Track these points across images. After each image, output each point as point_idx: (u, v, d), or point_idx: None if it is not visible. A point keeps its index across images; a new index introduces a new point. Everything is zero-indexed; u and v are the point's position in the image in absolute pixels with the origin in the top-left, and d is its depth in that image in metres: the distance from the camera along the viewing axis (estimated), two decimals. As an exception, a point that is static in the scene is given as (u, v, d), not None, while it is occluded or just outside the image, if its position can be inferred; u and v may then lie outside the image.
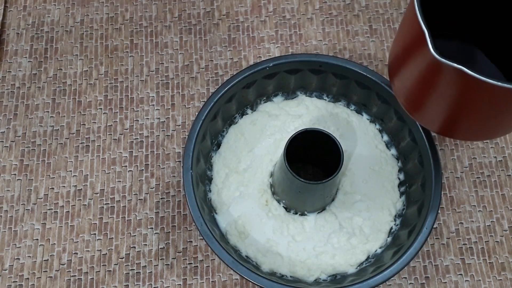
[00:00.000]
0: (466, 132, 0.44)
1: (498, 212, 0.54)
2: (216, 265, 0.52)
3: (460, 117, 0.41)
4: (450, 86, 0.37)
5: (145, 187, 0.55)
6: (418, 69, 0.38)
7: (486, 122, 0.40)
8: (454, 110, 0.40)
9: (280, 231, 0.50)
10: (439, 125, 0.43)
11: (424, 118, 0.44)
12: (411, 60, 0.39)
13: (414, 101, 0.43)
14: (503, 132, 0.44)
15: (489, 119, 0.40)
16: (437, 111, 0.42)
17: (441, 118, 0.42)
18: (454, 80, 0.35)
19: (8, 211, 0.54)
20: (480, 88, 0.34)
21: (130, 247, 0.53)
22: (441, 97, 0.39)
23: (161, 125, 0.57)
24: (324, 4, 0.63)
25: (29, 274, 0.52)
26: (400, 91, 0.44)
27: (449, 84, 0.36)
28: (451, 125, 0.43)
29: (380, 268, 0.46)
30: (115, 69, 0.60)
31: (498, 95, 0.35)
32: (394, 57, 0.44)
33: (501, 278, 0.52)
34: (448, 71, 0.34)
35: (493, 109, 0.38)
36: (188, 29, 0.62)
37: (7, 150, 0.56)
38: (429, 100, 0.41)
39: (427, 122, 0.44)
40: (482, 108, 0.38)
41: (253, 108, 0.55)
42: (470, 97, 0.37)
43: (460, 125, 0.42)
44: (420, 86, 0.40)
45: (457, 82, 0.35)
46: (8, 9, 0.63)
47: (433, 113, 0.42)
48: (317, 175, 0.54)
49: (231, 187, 0.52)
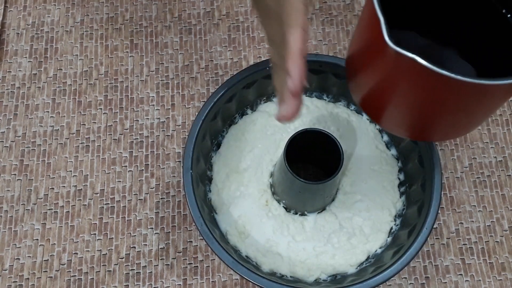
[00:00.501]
0: (435, 132, 0.41)
1: (498, 212, 0.54)
2: (216, 265, 0.52)
3: (421, 115, 0.38)
4: (406, 79, 0.35)
5: (145, 187, 0.55)
6: (374, 63, 0.36)
7: (450, 118, 0.38)
8: (414, 107, 0.38)
9: (280, 231, 0.50)
10: (404, 127, 0.41)
11: (384, 119, 0.41)
12: (366, 54, 0.37)
13: (372, 101, 0.40)
14: (468, 128, 0.41)
15: (452, 114, 0.37)
16: (397, 109, 0.39)
17: (402, 118, 0.40)
18: (409, 71, 0.33)
19: (8, 211, 0.54)
20: (436, 81, 0.32)
21: (130, 247, 0.53)
22: (399, 92, 0.37)
23: (161, 125, 0.57)
24: (324, 4, 0.63)
25: (29, 274, 0.52)
26: (358, 92, 0.41)
27: (405, 76, 0.34)
28: (416, 125, 0.40)
29: (380, 268, 0.45)
30: (115, 69, 0.60)
31: (454, 88, 0.33)
32: (350, 58, 0.41)
33: (501, 278, 0.52)
34: (403, 62, 0.32)
35: (453, 104, 0.36)
36: (188, 29, 0.62)
37: (7, 150, 0.56)
38: (387, 97, 0.38)
39: (388, 124, 0.41)
40: (444, 104, 0.36)
41: (253, 108, 0.55)
42: (429, 92, 0.34)
43: (425, 124, 0.40)
44: (378, 83, 0.38)
45: (412, 73, 0.33)
46: (8, 9, 0.63)
47: (394, 113, 0.40)
48: (317, 175, 0.54)
49: (231, 187, 0.52)
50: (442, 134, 0.42)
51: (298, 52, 0.36)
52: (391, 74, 0.36)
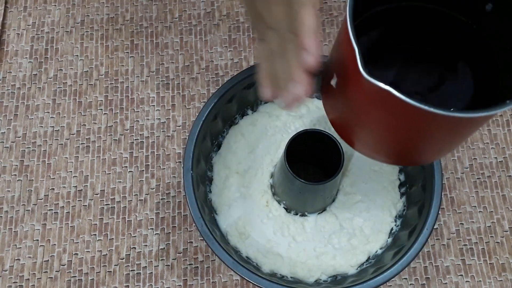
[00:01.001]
0: (406, 157, 0.41)
1: (499, 213, 0.54)
2: (217, 266, 0.52)
3: (399, 143, 0.38)
4: (381, 107, 0.34)
5: (145, 187, 0.55)
6: (349, 88, 0.36)
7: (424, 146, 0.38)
8: (387, 135, 0.37)
9: (281, 231, 0.50)
10: (377, 152, 0.40)
11: (357, 143, 0.40)
12: (341, 78, 0.36)
13: (345, 125, 0.40)
14: (441, 154, 0.41)
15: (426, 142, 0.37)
16: (371, 137, 0.39)
17: (377, 145, 0.39)
18: (384, 101, 0.32)
19: (9, 211, 0.54)
20: (411, 111, 0.31)
21: (131, 248, 0.53)
22: (372, 120, 0.36)
23: (161, 125, 0.57)
24: (324, 4, 0.63)
25: (29, 275, 0.52)
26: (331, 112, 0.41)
27: (379, 104, 0.34)
28: (390, 151, 0.40)
29: (380, 269, 0.45)
30: (116, 69, 0.60)
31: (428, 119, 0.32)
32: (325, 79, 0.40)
33: (502, 279, 0.52)
34: (377, 92, 0.31)
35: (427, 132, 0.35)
36: (189, 29, 0.62)
37: (8, 150, 0.56)
38: (360, 123, 0.38)
39: (364, 150, 0.41)
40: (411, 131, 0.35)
41: (253, 108, 0.55)
42: (403, 121, 0.34)
43: (397, 150, 0.39)
44: (351, 107, 0.37)
45: (387, 103, 0.32)
46: (9, 9, 0.63)
47: (368, 140, 0.39)
48: (318, 176, 0.54)
49: (232, 188, 0.52)
50: (414, 159, 0.42)
51: (314, 28, 0.37)
52: (366, 101, 0.35)
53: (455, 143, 0.40)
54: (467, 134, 0.38)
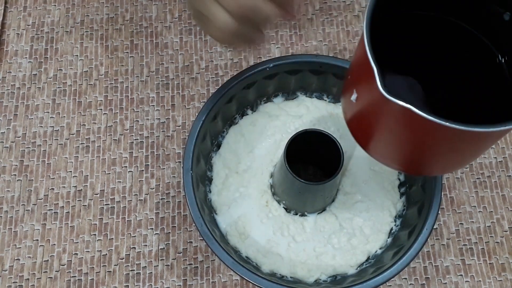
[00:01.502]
0: (423, 168, 0.41)
1: (498, 213, 0.54)
2: (216, 266, 0.52)
3: (413, 154, 0.38)
4: (401, 123, 0.34)
5: (145, 187, 0.55)
6: (368, 103, 0.36)
7: (441, 157, 0.38)
8: (406, 147, 0.38)
9: (280, 231, 0.50)
10: (393, 161, 0.41)
11: (376, 154, 0.41)
12: (361, 93, 0.37)
13: (363, 135, 0.40)
14: (457, 167, 0.42)
15: (443, 154, 0.37)
16: (389, 148, 0.39)
17: (394, 155, 0.40)
18: (403, 118, 0.33)
19: (8, 211, 0.54)
20: (427, 126, 0.32)
21: (130, 248, 0.53)
22: (390, 133, 0.37)
23: (161, 125, 0.57)
24: (324, 4, 0.63)
25: (29, 275, 0.52)
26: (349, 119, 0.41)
27: (399, 120, 0.34)
28: (407, 161, 0.40)
29: (380, 269, 0.45)
30: (115, 69, 0.60)
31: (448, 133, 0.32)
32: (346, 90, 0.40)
33: (501, 279, 0.52)
34: (396, 109, 0.32)
35: (444, 146, 0.36)
36: (188, 29, 0.62)
37: (7, 150, 0.56)
38: (378, 135, 0.38)
39: (380, 158, 0.41)
40: (432, 145, 0.36)
41: (253, 108, 0.55)
42: (419, 135, 0.34)
43: (417, 161, 0.40)
44: (371, 119, 0.38)
45: (406, 120, 0.33)
46: (8, 9, 0.63)
47: (385, 150, 0.40)
48: (317, 176, 0.54)
49: (231, 187, 0.52)
50: (432, 170, 0.42)
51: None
52: (386, 116, 0.35)
53: (472, 157, 0.40)
54: (490, 145, 0.39)
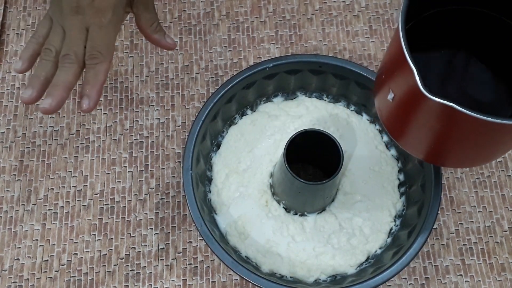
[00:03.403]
0: (455, 161, 0.42)
1: (498, 213, 0.54)
2: (216, 266, 0.52)
3: (449, 147, 0.39)
4: (440, 120, 0.35)
5: (145, 187, 0.55)
6: (409, 104, 0.37)
7: (477, 151, 0.39)
8: (443, 141, 0.38)
9: (280, 231, 0.50)
10: (427, 154, 0.42)
11: (411, 147, 0.42)
12: (399, 94, 0.37)
13: (400, 130, 0.41)
14: (492, 159, 0.43)
15: (480, 148, 0.38)
16: (425, 142, 0.40)
17: (429, 148, 0.41)
18: (444, 114, 0.33)
19: (8, 211, 0.54)
20: (470, 122, 0.33)
21: (130, 248, 0.53)
22: (429, 129, 0.37)
23: (161, 125, 0.57)
24: (324, 4, 0.63)
25: (29, 275, 0.52)
26: (385, 117, 0.42)
27: (438, 118, 0.35)
28: (440, 154, 0.41)
29: (380, 268, 0.45)
30: (115, 69, 0.60)
31: (489, 128, 0.33)
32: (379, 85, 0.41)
33: (501, 278, 0.52)
34: (438, 107, 0.32)
35: (484, 140, 0.36)
36: (188, 29, 0.62)
37: (7, 150, 0.56)
38: (416, 130, 0.39)
39: (414, 151, 0.42)
40: (472, 139, 0.36)
41: (253, 108, 0.55)
42: (460, 130, 0.35)
43: (450, 154, 0.40)
44: (407, 116, 0.38)
45: (448, 116, 0.33)
46: (8, 9, 0.63)
47: (421, 144, 0.41)
48: (317, 176, 0.54)
49: (231, 187, 0.52)
50: (461, 163, 0.43)
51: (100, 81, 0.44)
52: (426, 115, 0.36)
53: (505, 151, 0.41)
54: None
